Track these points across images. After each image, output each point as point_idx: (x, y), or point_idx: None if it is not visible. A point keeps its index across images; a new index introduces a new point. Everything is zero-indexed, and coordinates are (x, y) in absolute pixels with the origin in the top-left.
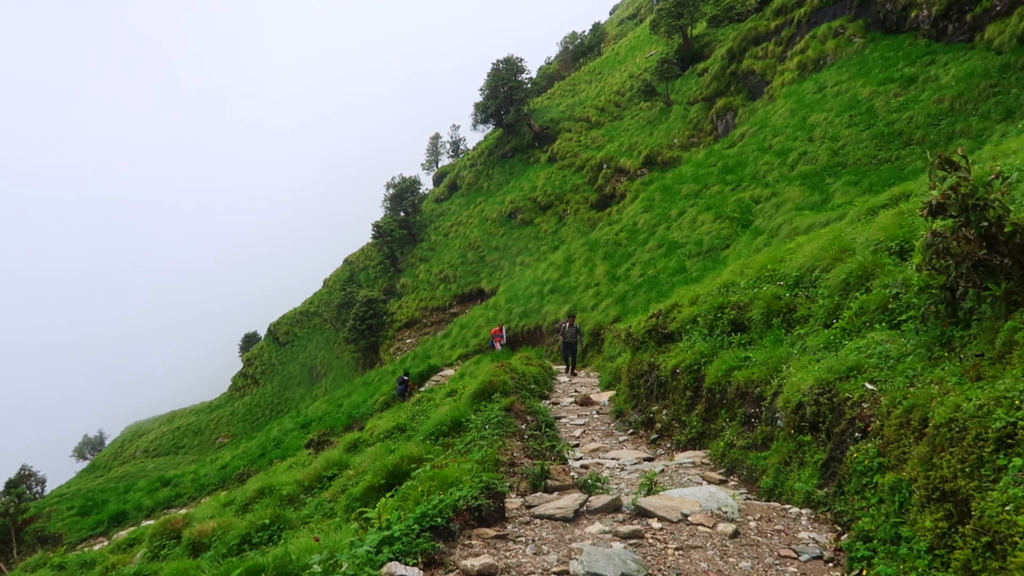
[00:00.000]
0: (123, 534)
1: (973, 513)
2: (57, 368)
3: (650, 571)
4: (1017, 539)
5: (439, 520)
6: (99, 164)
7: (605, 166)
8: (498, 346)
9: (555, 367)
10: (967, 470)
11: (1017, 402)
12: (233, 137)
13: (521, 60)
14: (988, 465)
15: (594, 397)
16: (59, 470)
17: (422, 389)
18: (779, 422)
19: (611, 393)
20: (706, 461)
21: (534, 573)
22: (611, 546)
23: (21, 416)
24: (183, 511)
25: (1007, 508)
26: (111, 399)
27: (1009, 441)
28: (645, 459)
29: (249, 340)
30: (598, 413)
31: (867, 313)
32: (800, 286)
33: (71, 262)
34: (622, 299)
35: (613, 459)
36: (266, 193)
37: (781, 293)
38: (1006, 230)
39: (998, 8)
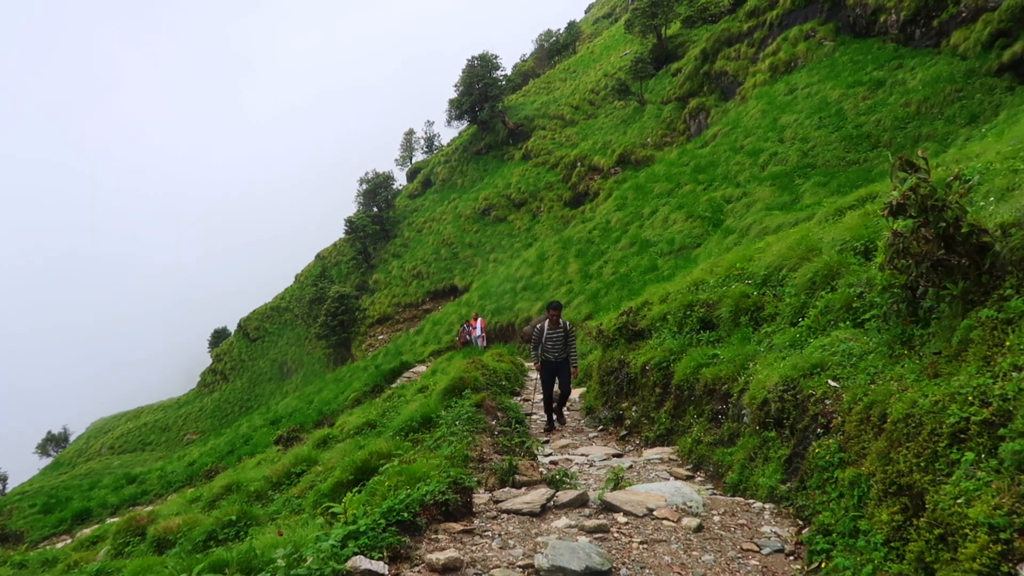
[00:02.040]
0: (87, 532)
1: (927, 506)
2: (16, 360)
3: (614, 564)
4: (967, 531)
5: (406, 515)
6: (57, 133)
7: (579, 164)
8: (469, 338)
9: (527, 364)
10: (922, 464)
11: (970, 398)
12: (205, 124)
13: (496, 57)
14: (942, 459)
15: None
16: (21, 467)
17: (393, 386)
18: (745, 419)
19: (582, 390)
20: (674, 457)
21: (500, 567)
22: (577, 540)
23: None
24: (149, 508)
25: (959, 501)
26: (74, 393)
27: (962, 436)
28: (614, 455)
29: (218, 335)
30: (568, 410)
31: (832, 312)
32: (768, 285)
33: (28, 246)
34: (594, 296)
35: (582, 455)
36: (237, 186)
37: (749, 291)
38: (963, 231)
39: (964, 15)
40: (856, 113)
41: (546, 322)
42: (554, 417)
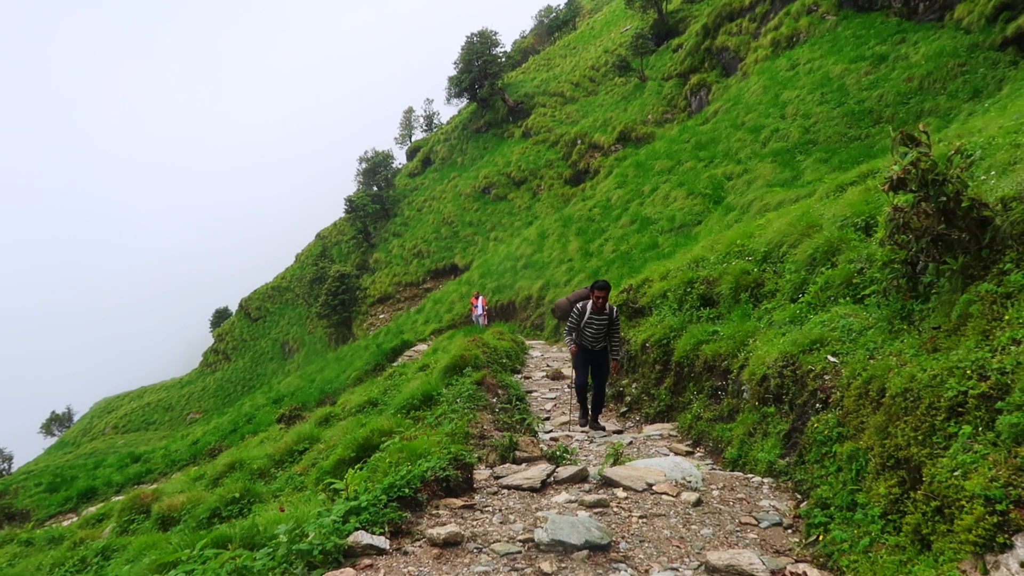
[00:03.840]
0: (92, 510)
1: (924, 479)
2: (21, 343)
3: (614, 538)
4: (964, 503)
5: (407, 491)
6: (64, 125)
7: (579, 141)
8: (474, 317)
9: (528, 342)
10: (920, 438)
11: (968, 372)
12: (203, 108)
13: (496, 34)
14: (940, 433)
15: (565, 371)
16: (26, 447)
17: (394, 364)
18: (745, 394)
19: None
20: (674, 433)
21: (500, 541)
22: (576, 515)
23: None
24: (153, 486)
25: (956, 474)
26: (77, 373)
27: (960, 409)
28: (614, 432)
29: (220, 315)
30: (569, 387)
31: (832, 288)
32: (768, 261)
33: (32, 234)
34: (595, 275)
35: (583, 432)
36: (235, 167)
37: (750, 268)
38: (963, 205)
39: None
40: (858, 88)
41: (588, 303)
42: (584, 413)
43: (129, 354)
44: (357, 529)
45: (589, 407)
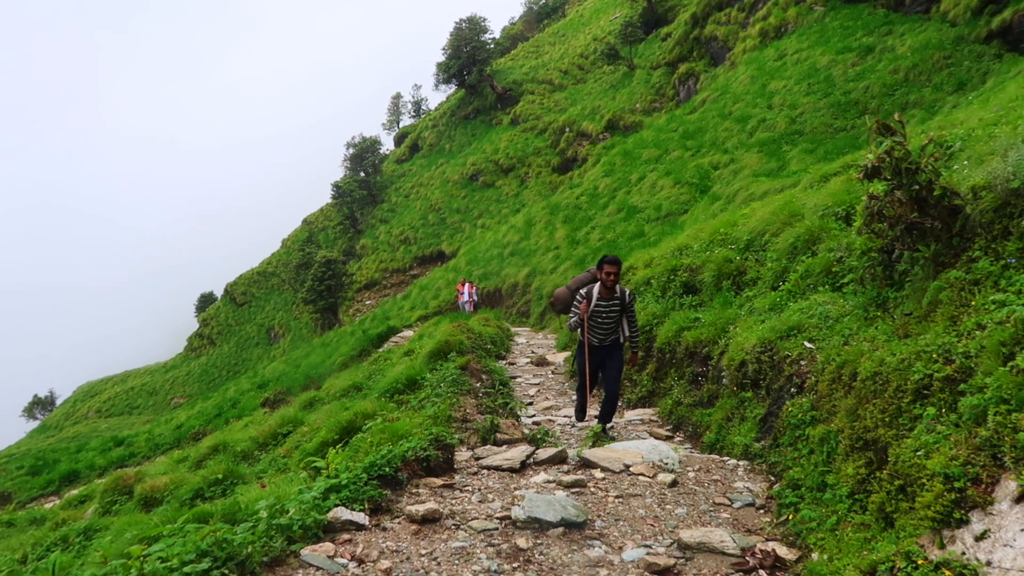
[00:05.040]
0: (75, 492)
1: (890, 459)
2: (1, 325)
3: (590, 516)
4: (925, 481)
5: (387, 470)
6: (41, 107)
7: (567, 129)
8: (460, 303)
9: (513, 329)
10: (887, 420)
11: (935, 356)
12: (191, 91)
13: (484, 20)
14: (906, 415)
15: (550, 357)
16: (8, 430)
17: (380, 350)
18: (724, 380)
19: (567, 353)
20: (655, 418)
21: (478, 518)
22: (554, 494)
23: None
24: (136, 469)
25: (919, 453)
26: (61, 356)
27: (925, 392)
28: (596, 416)
29: (205, 300)
30: (553, 373)
31: (812, 276)
32: (751, 250)
33: (5, 204)
34: (581, 262)
35: (565, 416)
36: (223, 150)
37: (732, 256)
38: (935, 193)
39: None
40: (845, 80)
41: (595, 287)
42: (589, 413)
43: (112, 337)
44: (337, 506)
45: (591, 410)
